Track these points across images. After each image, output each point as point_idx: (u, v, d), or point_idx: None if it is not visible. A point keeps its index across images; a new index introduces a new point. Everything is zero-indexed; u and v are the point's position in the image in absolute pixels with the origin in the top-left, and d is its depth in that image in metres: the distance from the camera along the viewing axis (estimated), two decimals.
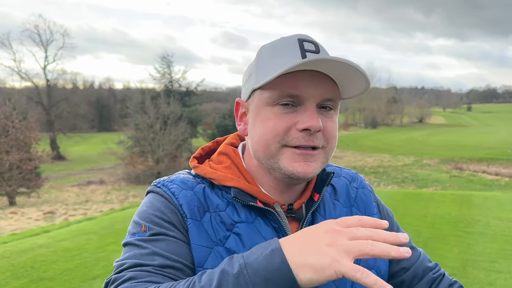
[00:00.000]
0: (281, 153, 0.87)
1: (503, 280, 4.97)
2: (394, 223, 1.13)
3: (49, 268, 5.69)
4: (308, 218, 0.95)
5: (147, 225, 0.86)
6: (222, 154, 1.01)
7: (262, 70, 0.89)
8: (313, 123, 0.84)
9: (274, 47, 0.92)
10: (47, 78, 47.03)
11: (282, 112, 0.86)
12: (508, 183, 22.10)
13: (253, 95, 0.92)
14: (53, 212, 17.41)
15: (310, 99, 0.85)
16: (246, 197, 0.90)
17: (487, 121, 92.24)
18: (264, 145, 0.88)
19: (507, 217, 8.12)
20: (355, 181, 1.12)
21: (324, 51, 0.91)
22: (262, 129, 0.88)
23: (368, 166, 31.78)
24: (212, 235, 0.87)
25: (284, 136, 0.86)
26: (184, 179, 0.94)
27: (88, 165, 37.45)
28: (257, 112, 0.90)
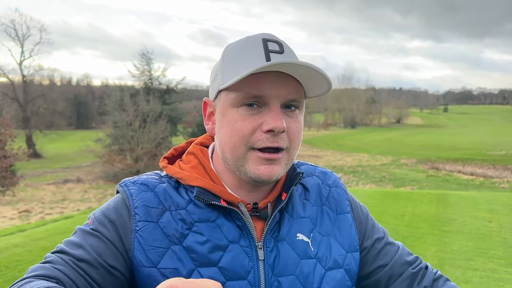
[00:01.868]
0: (247, 157, 0.89)
1: (479, 277, 5.08)
2: (369, 219, 1.12)
3: (25, 268, 5.57)
4: (276, 216, 0.95)
5: (94, 219, 0.92)
6: (190, 154, 1.03)
7: (227, 71, 0.90)
8: (277, 124, 0.85)
9: (238, 47, 0.92)
10: (23, 74, 45.97)
11: (247, 113, 0.87)
12: (483, 183, 22.61)
13: (219, 95, 0.92)
14: (28, 210, 17.08)
15: (274, 99, 0.86)
16: (209, 196, 0.92)
17: (462, 122, 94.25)
18: (232, 147, 0.89)
19: (482, 216, 8.31)
20: (329, 180, 1.11)
21: (289, 51, 0.91)
22: (228, 131, 0.89)
23: (347, 165, 32.10)
24: (169, 235, 0.89)
25: (250, 138, 0.87)
26: (146, 180, 0.96)
27: (65, 163, 36.81)
28: (223, 113, 0.91)
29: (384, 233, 1.12)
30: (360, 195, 11.10)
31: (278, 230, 0.95)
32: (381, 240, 1.09)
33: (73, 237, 0.90)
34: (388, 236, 1.12)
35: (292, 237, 0.95)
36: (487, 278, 5.07)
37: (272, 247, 0.93)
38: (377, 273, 1.05)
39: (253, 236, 0.92)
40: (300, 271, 0.93)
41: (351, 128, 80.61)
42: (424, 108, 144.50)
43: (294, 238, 0.95)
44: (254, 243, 0.91)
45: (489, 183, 22.41)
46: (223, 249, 0.89)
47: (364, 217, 1.11)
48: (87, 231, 0.90)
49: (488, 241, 6.62)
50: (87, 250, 0.86)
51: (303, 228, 0.98)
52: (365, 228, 1.08)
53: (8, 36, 45.35)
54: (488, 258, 5.82)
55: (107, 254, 0.87)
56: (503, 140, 47.53)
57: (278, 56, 0.88)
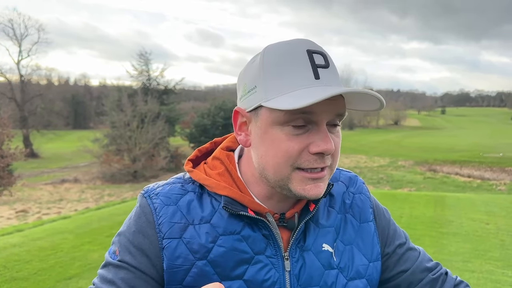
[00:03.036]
0: (292, 177, 0.85)
1: (476, 279, 5.10)
2: (391, 224, 1.11)
3: (23, 267, 5.56)
4: (301, 227, 0.94)
5: (120, 249, 0.91)
6: (216, 159, 0.99)
7: (272, 86, 0.84)
8: (328, 146, 0.82)
9: (281, 57, 0.85)
10: (21, 74, 45.84)
11: (294, 133, 0.83)
12: (480, 185, 22.66)
13: (259, 109, 0.87)
14: (26, 210, 17.04)
15: (323, 120, 0.83)
16: (237, 206, 0.90)
17: (460, 124, 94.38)
18: (276, 167, 0.85)
19: (479, 218, 8.33)
20: (353, 186, 1.09)
21: (332, 63, 0.88)
22: (272, 150, 0.85)
23: (344, 166, 31.69)
24: (194, 250, 0.88)
25: (297, 159, 0.84)
26: (169, 193, 0.93)
27: (62, 163, 36.71)
28: (265, 129, 0.86)
29: (406, 238, 1.12)
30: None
31: (303, 240, 0.94)
32: (402, 245, 1.08)
33: (105, 272, 0.90)
34: (410, 241, 1.12)
35: (317, 247, 0.95)
36: (484, 280, 5.09)
37: (297, 257, 0.92)
38: (397, 278, 1.05)
39: (280, 246, 0.91)
40: (324, 282, 0.93)
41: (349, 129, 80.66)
42: (421, 110, 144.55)
43: (319, 248, 0.95)
44: (281, 253, 0.91)
45: (487, 185, 22.46)
46: (248, 262, 0.89)
47: (386, 223, 1.10)
48: (116, 265, 0.89)
49: (485, 243, 6.64)
50: (119, 286, 0.86)
51: (327, 238, 0.97)
52: (387, 234, 1.08)
53: (6, 36, 45.26)
54: (485, 260, 5.83)
55: (139, 284, 0.87)
56: (500, 142, 47.63)
57: (325, 72, 0.84)
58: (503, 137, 55.73)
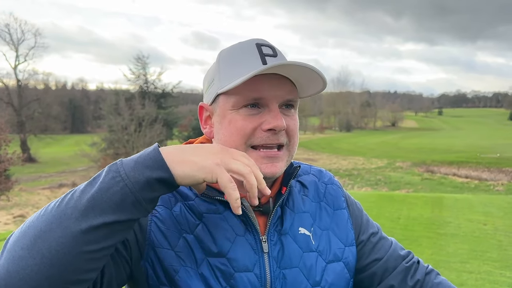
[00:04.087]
0: (249, 155, 0.90)
1: (474, 280, 5.11)
2: (363, 214, 1.17)
3: None
4: (277, 211, 0.99)
5: None
6: None
7: (225, 75, 0.94)
8: (278, 123, 0.89)
9: (233, 52, 0.96)
10: (18, 78, 45.79)
11: (248, 114, 0.91)
12: (478, 186, 22.72)
13: (217, 99, 0.96)
14: (23, 215, 17.00)
15: (273, 100, 0.91)
16: (214, 192, 0.95)
17: (457, 125, 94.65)
18: (232, 146, 0.91)
19: (477, 219, 8.35)
20: (324, 177, 1.16)
21: (281, 54, 0.97)
22: (229, 130, 0.93)
23: (342, 168, 32.13)
24: (182, 223, 0.93)
25: (251, 136, 0.91)
26: None
27: (60, 167, 36.64)
28: (223, 115, 0.94)
29: (378, 228, 1.18)
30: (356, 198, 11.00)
31: (281, 224, 0.99)
32: (375, 234, 1.14)
33: None
34: (382, 231, 1.18)
35: (294, 231, 1.00)
36: (482, 280, 5.10)
37: (276, 241, 0.96)
38: (373, 266, 1.10)
39: (257, 230, 0.95)
40: (303, 263, 0.98)
41: (346, 131, 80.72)
42: (418, 112, 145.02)
43: (296, 232, 1.00)
44: (259, 236, 0.95)
45: (484, 186, 22.53)
46: (231, 241, 0.93)
47: (359, 213, 1.16)
48: None
49: (483, 244, 6.65)
50: None
51: (304, 222, 1.02)
52: (360, 223, 1.14)
53: (3, 41, 45.24)
54: (483, 260, 5.85)
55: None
56: (497, 143, 47.75)
57: (273, 59, 0.93)
58: (500, 138, 55.91)
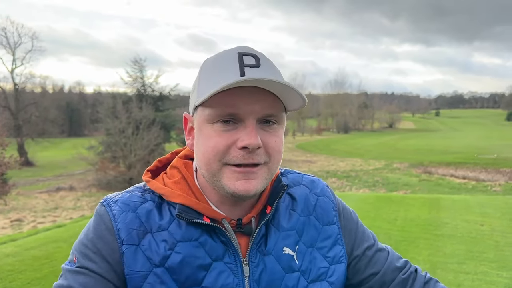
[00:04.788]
0: (222, 172, 0.87)
1: (471, 281, 5.11)
2: (359, 226, 1.12)
3: (16, 277, 5.53)
4: (261, 230, 0.94)
5: (77, 256, 0.89)
6: (174, 168, 1.00)
7: (202, 86, 0.88)
8: (251, 141, 0.83)
9: (215, 62, 0.90)
10: (14, 82, 45.71)
11: (222, 129, 0.85)
12: (475, 186, 22.76)
13: (196, 111, 0.90)
14: (20, 219, 16.94)
15: (249, 116, 0.84)
16: (192, 214, 0.90)
17: (454, 126, 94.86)
18: (206, 163, 0.87)
19: (474, 220, 8.35)
20: (316, 188, 1.11)
21: (266, 64, 0.89)
22: (203, 146, 0.87)
23: (340, 170, 32.17)
24: (151, 258, 0.87)
25: (225, 154, 0.85)
26: (128, 200, 0.93)
27: (57, 171, 36.56)
28: (199, 128, 0.89)
29: (374, 239, 1.12)
30: (354, 200, 11.11)
31: (264, 244, 0.94)
32: (371, 247, 1.09)
33: (61, 280, 0.87)
34: (378, 242, 1.13)
35: (278, 251, 0.95)
36: (479, 281, 5.10)
37: (257, 262, 0.92)
38: (369, 281, 1.06)
39: (238, 252, 0.91)
40: (285, 285, 0.93)
41: (344, 133, 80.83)
42: (416, 113, 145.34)
43: (280, 252, 0.95)
44: (239, 259, 0.91)
45: (482, 187, 22.56)
46: (206, 269, 0.88)
47: (354, 226, 1.10)
48: (73, 271, 0.87)
49: (480, 245, 6.65)
50: None
51: (289, 241, 0.97)
52: (355, 237, 1.08)
53: (0, 44, 45.15)
54: (480, 261, 5.85)
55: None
56: (494, 144, 47.89)
57: (253, 71, 0.85)
58: (498, 138, 56.08)
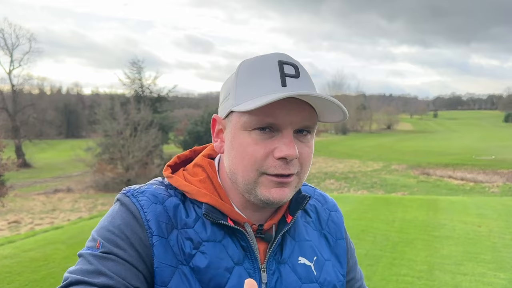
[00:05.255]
0: (260, 181, 0.87)
1: (468, 282, 5.12)
2: (354, 254, 1.14)
3: (14, 279, 5.51)
4: (278, 240, 0.94)
5: (101, 241, 0.84)
6: (198, 166, 0.99)
7: (241, 92, 0.87)
8: (290, 152, 0.83)
9: (253, 67, 0.89)
10: (12, 83, 45.61)
11: (260, 137, 0.85)
12: (473, 188, 22.80)
13: (230, 115, 0.90)
14: (18, 221, 16.90)
15: (288, 126, 0.85)
16: (217, 214, 0.89)
17: (452, 128, 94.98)
18: (243, 170, 0.87)
19: (471, 221, 8.37)
20: (327, 203, 1.11)
21: (304, 74, 0.89)
22: (240, 153, 0.87)
23: (338, 171, 32.19)
24: (178, 254, 0.86)
25: (262, 163, 0.85)
26: (155, 192, 0.91)
27: (55, 173, 36.49)
28: (234, 134, 0.88)
29: (361, 277, 1.15)
30: (352, 201, 11.12)
31: (280, 253, 0.94)
32: (356, 282, 1.11)
33: (83, 265, 0.82)
34: (364, 283, 1.15)
35: (293, 261, 0.95)
36: (476, 282, 5.11)
37: (274, 270, 0.92)
38: None
39: (257, 258, 0.90)
40: None
41: (342, 134, 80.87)
42: (414, 114, 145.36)
43: (295, 262, 0.95)
44: (258, 265, 0.90)
45: (479, 188, 22.61)
46: (230, 271, 0.88)
47: (352, 250, 1.12)
48: (99, 256, 0.82)
49: (477, 246, 6.67)
50: (109, 275, 0.80)
51: (305, 252, 0.98)
52: (350, 261, 1.10)
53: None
54: (478, 262, 5.86)
55: (130, 276, 0.82)
56: (492, 145, 47.98)
57: (293, 81, 0.86)
58: (495, 140, 56.17)
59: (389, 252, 6.30)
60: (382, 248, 6.54)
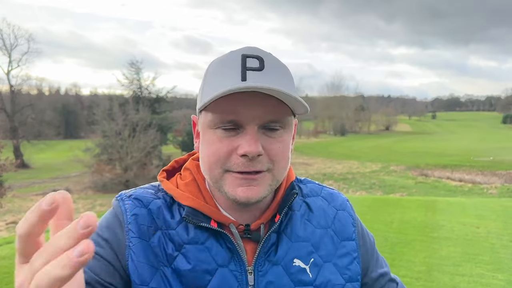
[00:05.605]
0: (224, 178, 0.85)
1: (466, 283, 5.12)
2: (375, 250, 1.08)
3: (12, 280, 5.49)
4: (271, 238, 0.91)
5: None
6: (186, 170, 0.99)
7: (206, 90, 0.85)
8: (251, 149, 0.80)
9: (219, 64, 0.87)
10: (10, 84, 45.58)
11: (224, 135, 0.83)
12: (471, 189, 22.82)
13: (200, 114, 0.89)
14: (16, 222, 16.85)
15: (251, 122, 0.81)
16: (199, 217, 0.88)
17: (451, 129, 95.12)
18: (209, 168, 0.86)
19: (469, 222, 8.38)
20: (336, 201, 1.06)
21: (271, 66, 0.84)
22: (206, 151, 0.86)
23: (337, 172, 32.20)
24: (159, 255, 0.86)
25: (226, 161, 0.83)
26: (141, 195, 0.93)
27: (53, 173, 36.43)
28: (203, 133, 0.88)
29: (387, 267, 1.10)
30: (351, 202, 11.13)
31: (274, 253, 0.90)
32: (385, 275, 1.06)
33: None
34: (390, 272, 1.10)
35: (287, 262, 0.90)
36: (474, 283, 5.11)
37: (265, 271, 0.88)
38: None
39: (243, 259, 0.87)
40: None
41: (341, 135, 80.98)
42: (412, 115, 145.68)
43: (290, 264, 0.90)
44: (244, 267, 0.87)
45: (478, 189, 22.62)
46: (211, 273, 0.86)
47: (371, 247, 1.06)
48: None
49: (475, 247, 6.67)
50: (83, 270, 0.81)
51: (301, 253, 0.93)
52: (370, 259, 1.04)
53: None
54: (476, 263, 5.86)
55: (104, 272, 0.83)
56: (490, 146, 48.07)
57: (255, 75, 0.81)
58: (493, 141, 56.29)
59: (387, 253, 6.30)
60: (380, 249, 6.45)
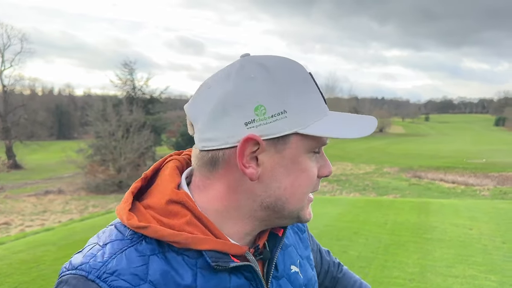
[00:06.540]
0: (306, 204, 0.82)
1: (459, 284, 5.15)
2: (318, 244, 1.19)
3: (4, 281, 5.46)
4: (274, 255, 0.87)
5: None
6: (175, 204, 0.76)
7: (303, 110, 0.75)
8: (331, 168, 0.85)
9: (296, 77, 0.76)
10: (3, 84, 45.26)
11: (314, 158, 0.81)
12: (464, 191, 22.93)
13: (288, 137, 0.74)
14: (8, 223, 16.72)
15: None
16: (223, 258, 0.74)
17: (444, 131, 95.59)
18: (301, 196, 0.79)
19: (462, 224, 8.42)
20: None
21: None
22: (300, 179, 0.77)
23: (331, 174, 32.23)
24: None
25: (315, 184, 0.82)
26: (131, 267, 0.69)
27: (46, 174, 36.18)
28: (293, 159, 0.76)
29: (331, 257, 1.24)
30: (344, 204, 11.14)
31: (276, 268, 0.87)
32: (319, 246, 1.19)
33: None
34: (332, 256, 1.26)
35: (288, 271, 0.90)
36: (467, 284, 5.14)
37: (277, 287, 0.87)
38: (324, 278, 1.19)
39: (263, 283, 0.80)
40: None
41: None
42: (406, 117, 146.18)
43: (289, 272, 0.90)
44: None
45: (470, 191, 22.73)
46: None
47: (313, 240, 1.16)
48: None
49: (468, 248, 6.71)
50: None
51: (293, 258, 0.94)
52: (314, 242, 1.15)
53: None
54: (469, 265, 5.89)
55: None
56: (483, 148, 48.35)
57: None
58: (486, 143, 56.63)
59: (381, 255, 6.32)
60: (374, 250, 6.56)
